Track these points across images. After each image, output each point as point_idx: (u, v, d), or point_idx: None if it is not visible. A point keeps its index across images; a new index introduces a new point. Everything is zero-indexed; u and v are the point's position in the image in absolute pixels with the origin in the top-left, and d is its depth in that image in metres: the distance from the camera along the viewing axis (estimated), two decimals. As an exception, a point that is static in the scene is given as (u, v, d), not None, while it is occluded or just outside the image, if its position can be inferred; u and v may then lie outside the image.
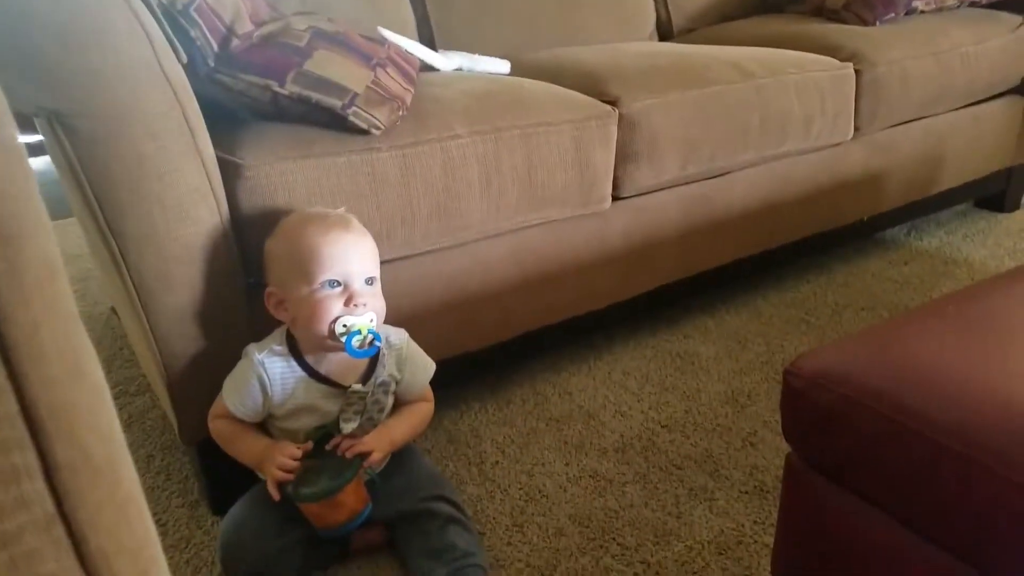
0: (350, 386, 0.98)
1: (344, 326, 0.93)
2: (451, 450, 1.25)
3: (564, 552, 1.03)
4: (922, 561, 0.66)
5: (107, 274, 1.09)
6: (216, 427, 1.00)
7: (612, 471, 1.19)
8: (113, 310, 1.76)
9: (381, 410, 1.01)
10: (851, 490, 0.71)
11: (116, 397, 1.42)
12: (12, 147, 0.27)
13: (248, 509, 0.98)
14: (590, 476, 1.18)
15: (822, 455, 0.73)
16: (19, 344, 0.24)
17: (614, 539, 1.05)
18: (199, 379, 0.99)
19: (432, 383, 1.09)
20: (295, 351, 0.98)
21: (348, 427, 0.97)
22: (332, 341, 0.93)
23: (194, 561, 1.03)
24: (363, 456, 0.94)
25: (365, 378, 1.01)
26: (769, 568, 0.98)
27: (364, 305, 0.94)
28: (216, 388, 0.98)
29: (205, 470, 1.08)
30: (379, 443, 0.97)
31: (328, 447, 0.95)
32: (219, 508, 1.08)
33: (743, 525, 1.07)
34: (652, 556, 1.02)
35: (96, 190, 0.86)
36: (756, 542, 1.04)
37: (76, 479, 0.26)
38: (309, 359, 0.98)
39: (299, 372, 0.97)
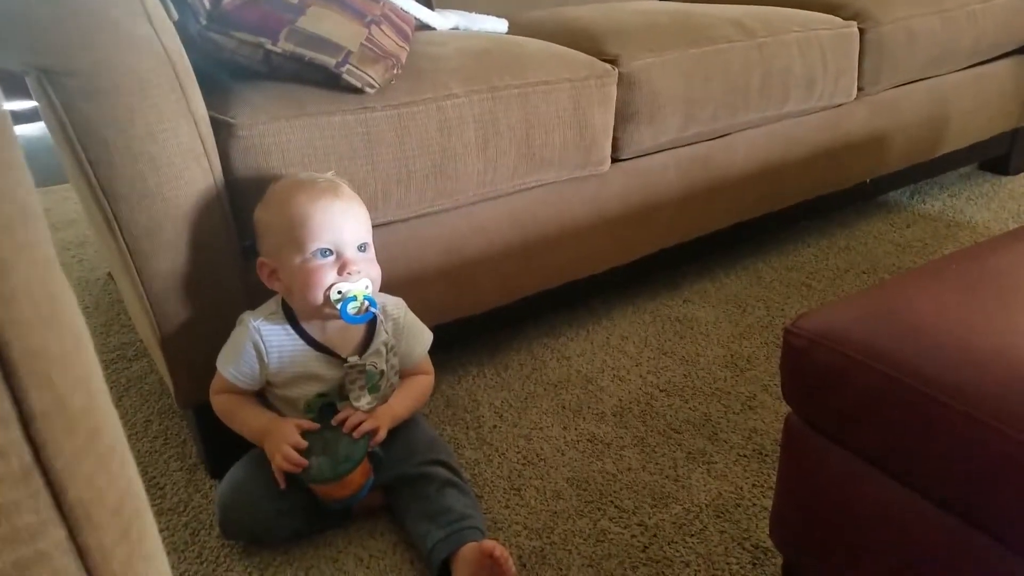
0: (347, 359, 0.97)
1: (339, 292, 0.92)
2: (449, 414, 1.25)
3: (562, 515, 1.03)
4: (922, 520, 0.65)
5: (102, 237, 1.08)
6: (217, 402, 0.99)
7: (610, 435, 1.19)
8: (110, 275, 1.75)
9: (396, 373, 1.01)
10: (851, 450, 0.71)
11: (113, 362, 1.42)
12: (-20, 85, 0.25)
13: (245, 472, 0.98)
14: (588, 440, 1.18)
15: (822, 415, 0.73)
16: (-12, 285, 0.23)
17: (612, 502, 1.05)
18: (194, 341, 0.99)
19: (430, 348, 1.08)
20: (291, 319, 0.97)
21: (363, 403, 0.97)
22: (328, 309, 0.92)
23: (192, 524, 1.04)
24: (370, 434, 0.95)
25: (362, 348, 1.00)
26: (767, 531, 0.98)
27: (358, 272, 0.93)
28: (212, 350, 0.97)
29: (202, 434, 1.08)
30: (383, 420, 0.97)
31: (334, 422, 0.95)
32: (217, 471, 1.09)
33: (741, 488, 1.07)
34: (650, 519, 1.02)
35: (87, 150, 0.85)
36: (755, 505, 1.04)
37: (53, 428, 0.25)
38: (306, 327, 0.97)
39: (297, 340, 0.97)
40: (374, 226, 1.08)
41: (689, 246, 1.56)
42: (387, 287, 1.02)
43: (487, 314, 1.32)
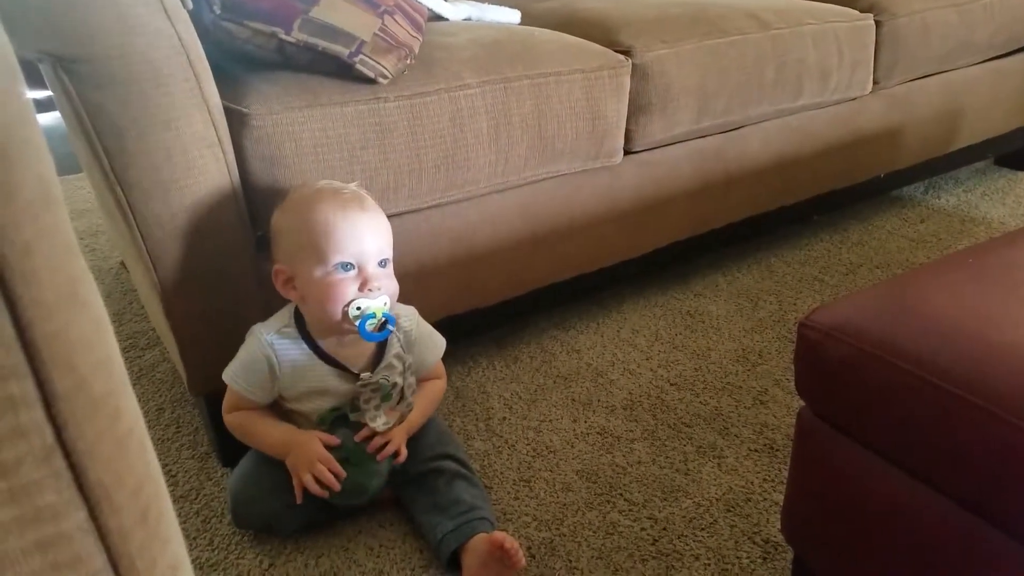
0: (359, 375, 0.95)
1: (358, 308, 0.89)
2: (459, 406, 1.25)
3: (571, 507, 1.04)
4: (936, 515, 0.65)
5: (115, 226, 1.08)
6: (231, 420, 0.98)
7: (620, 428, 1.18)
8: (123, 264, 1.76)
9: (413, 392, 1.00)
10: (864, 444, 0.70)
11: (126, 351, 1.43)
12: (7, 65, 0.25)
13: (256, 464, 0.98)
14: (598, 433, 1.18)
15: (836, 409, 0.72)
16: (12, 264, 0.23)
17: (621, 495, 1.05)
18: (207, 329, 0.99)
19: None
20: (303, 332, 0.95)
21: (379, 423, 0.95)
22: (346, 325, 0.90)
23: (204, 512, 1.04)
24: (393, 454, 0.96)
25: (374, 362, 0.98)
26: (778, 525, 0.98)
27: (379, 288, 0.91)
28: (225, 338, 0.97)
29: (214, 422, 1.08)
30: (400, 437, 0.97)
31: (357, 439, 0.95)
32: (229, 460, 1.09)
33: (752, 483, 1.07)
34: (660, 512, 1.02)
35: (102, 138, 0.85)
36: (765, 499, 1.04)
37: (74, 409, 0.25)
38: (318, 340, 0.95)
39: (309, 354, 0.94)
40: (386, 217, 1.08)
41: (701, 239, 1.56)
42: (398, 279, 1.02)
43: (497, 306, 1.32)
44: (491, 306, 1.31)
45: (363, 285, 0.90)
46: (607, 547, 0.97)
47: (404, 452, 0.96)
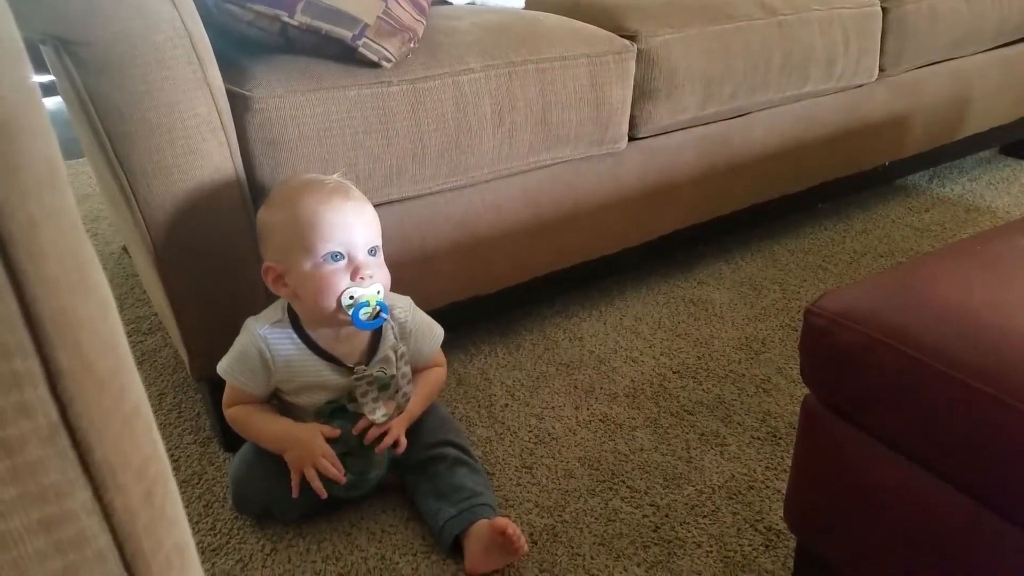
0: (354, 368, 0.95)
1: (351, 297, 0.88)
2: (461, 392, 1.25)
3: (573, 493, 1.04)
4: (941, 503, 0.65)
5: (118, 211, 1.08)
6: (231, 415, 0.98)
7: (622, 416, 1.18)
8: (125, 250, 1.75)
9: (409, 381, 0.99)
10: (870, 432, 0.70)
11: (128, 336, 1.41)
12: (13, 47, 0.25)
13: (257, 451, 0.98)
14: (600, 420, 1.18)
15: (841, 396, 0.72)
16: (17, 240, 0.23)
17: (623, 482, 1.05)
18: (209, 314, 0.99)
19: (442, 325, 1.07)
20: (297, 326, 0.95)
21: (378, 415, 0.94)
22: (341, 315, 0.89)
23: (206, 496, 1.04)
24: (392, 444, 0.95)
25: (368, 355, 0.97)
26: (781, 513, 0.98)
27: (370, 277, 0.90)
28: (226, 323, 0.97)
29: (216, 407, 1.08)
30: (400, 428, 0.96)
31: (355, 431, 0.94)
32: (231, 445, 1.09)
33: (755, 471, 1.07)
34: (662, 499, 1.02)
35: (105, 122, 0.85)
36: (768, 487, 1.04)
37: (80, 388, 0.25)
38: (312, 334, 0.94)
39: (303, 349, 0.94)
40: (388, 203, 1.08)
41: (705, 227, 1.55)
42: (400, 265, 1.01)
43: (500, 293, 1.32)
44: (494, 293, 1.31)
45: (354, 274, 0.89)
46: (609, 534, 0.97)
47: (403, 443, 0.96)
